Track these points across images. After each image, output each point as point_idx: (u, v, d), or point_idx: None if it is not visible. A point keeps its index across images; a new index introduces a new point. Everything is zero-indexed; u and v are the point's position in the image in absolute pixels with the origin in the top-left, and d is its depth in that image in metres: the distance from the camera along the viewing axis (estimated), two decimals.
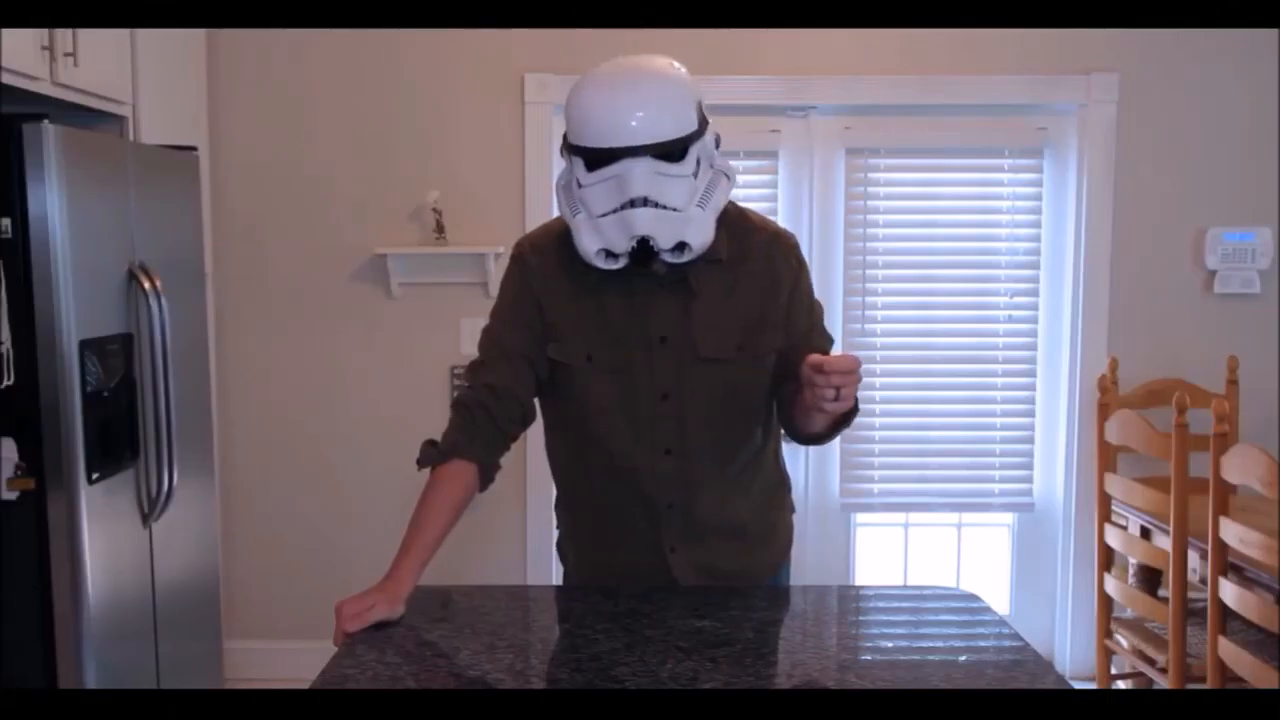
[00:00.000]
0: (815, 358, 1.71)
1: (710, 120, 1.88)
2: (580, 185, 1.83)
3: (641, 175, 1.77)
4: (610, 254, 1.82)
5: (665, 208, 1.79)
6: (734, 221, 1.96)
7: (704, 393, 1.92)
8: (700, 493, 1.97)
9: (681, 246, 1.81)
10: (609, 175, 1.79)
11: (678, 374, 1.92)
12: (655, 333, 1.91)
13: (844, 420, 1.88)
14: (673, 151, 1.79)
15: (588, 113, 1.79)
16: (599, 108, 1.78)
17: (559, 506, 2.15)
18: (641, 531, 1.99)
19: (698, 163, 1.82)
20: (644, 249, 1.80)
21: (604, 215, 1.80)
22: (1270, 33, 3.88)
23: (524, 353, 1.96)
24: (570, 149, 1.85)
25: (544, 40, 3.85)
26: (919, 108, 3.96)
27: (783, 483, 2.15)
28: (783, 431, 2.07)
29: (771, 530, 2.11)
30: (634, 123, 1.76)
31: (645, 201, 1.77)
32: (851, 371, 1.68)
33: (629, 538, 2.01)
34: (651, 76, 1.82)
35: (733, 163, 1.95)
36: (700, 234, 1.82)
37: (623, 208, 1.78)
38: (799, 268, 2.00)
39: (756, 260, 1.95)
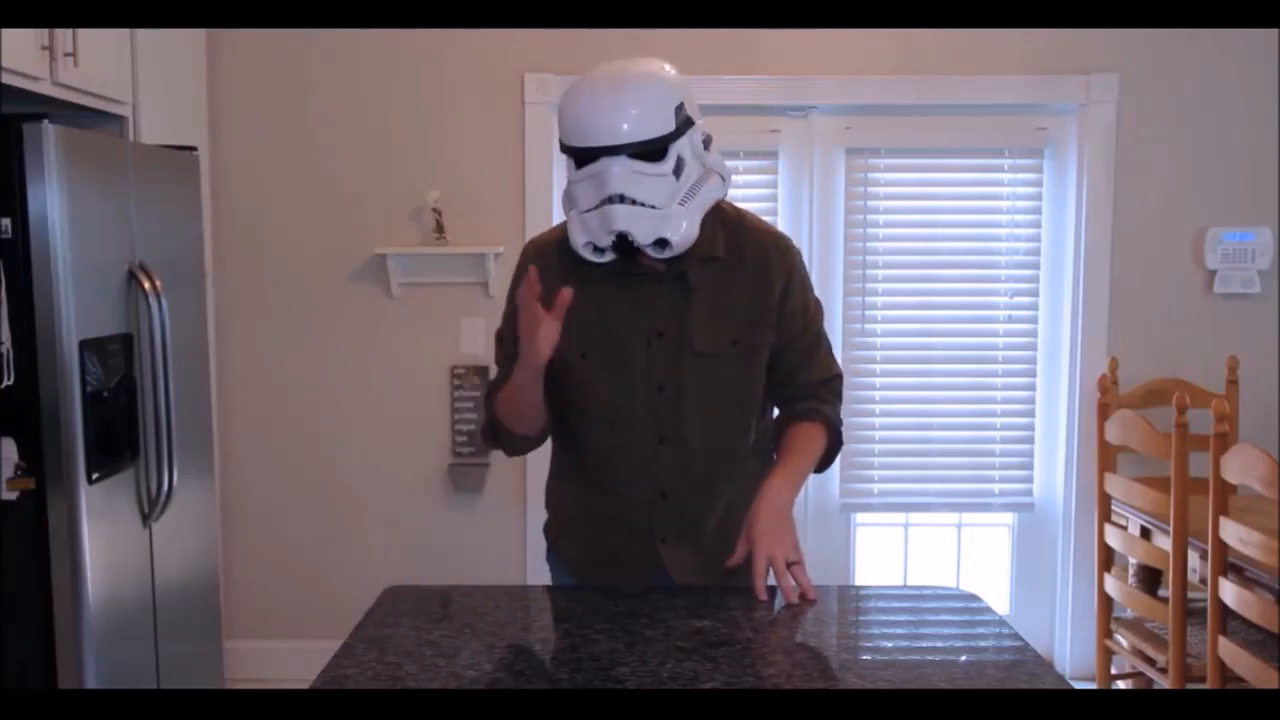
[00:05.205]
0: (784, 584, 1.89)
1: (699, 121, 1.94)
2: (571, 182, 1.93)
3: (619, 174, 1.85)
4: (597, 248, 1.90)
5: (643, 205, 1.86)
6: (732, 222, 2.02)
7: (698, 385, 1.98)
8: (695, 485, 2.02)
9: (662, 243, 1.88)
10: (591, 173, 1.88)
11: (674, 367, 1.98)
12: (653, 327, 1.97)
13: (826, 460, 2.12)
14: (651, 151, 1.86)
15: (571, 114, 1.88)
16: (580, 109, 1.87)
17: (552, 492, 2.21)
18: (635, 521, 2.04)
19: (679, 161, 1.89)
20: (623, 243, 1.87)
21: (587, 210, 1.89)
22: (1270, 33, 3.88)
23: None
24: (562, 148, 1.93)
25: (544, 40, 3.85)
26: (919, 108, 3.96)
27: None
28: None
29: None
30: (611, 124, 1.84)
31: (622, 199, 1.85)
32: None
33: (623, 527, 2.05)
34: (632, 80, 1.89)
35: (733, 163, 1.99)
36: (682, 231, 1.88)
37: (602, 204, 1.86)
38: (791, 269, 2.04)
39: (751, 260, 2.01)
